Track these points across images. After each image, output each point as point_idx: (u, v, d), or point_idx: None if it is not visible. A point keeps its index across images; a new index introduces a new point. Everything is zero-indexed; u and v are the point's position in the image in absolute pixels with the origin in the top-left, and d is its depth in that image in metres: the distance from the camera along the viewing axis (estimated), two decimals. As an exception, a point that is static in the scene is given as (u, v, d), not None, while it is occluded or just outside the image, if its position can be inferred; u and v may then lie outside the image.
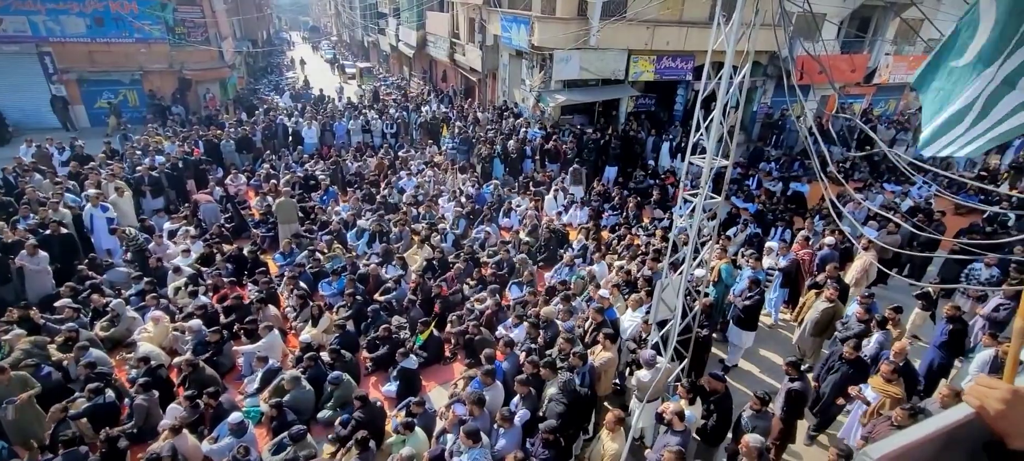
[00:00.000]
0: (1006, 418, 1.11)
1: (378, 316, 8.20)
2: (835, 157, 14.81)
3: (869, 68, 19.88)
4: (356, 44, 50.57)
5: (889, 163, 14.05)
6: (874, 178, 14.42)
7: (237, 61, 26.27)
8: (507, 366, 6.61)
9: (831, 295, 7.38)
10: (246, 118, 18.81)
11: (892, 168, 14.44)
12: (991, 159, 16.44)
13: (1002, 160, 16.17)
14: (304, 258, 9.79)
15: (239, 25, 30.69)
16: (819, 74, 13.33)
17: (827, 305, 7.37)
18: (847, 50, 19.69)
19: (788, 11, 5.82)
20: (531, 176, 14.35)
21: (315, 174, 13.73)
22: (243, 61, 29.28)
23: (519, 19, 16.47)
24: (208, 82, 21.65)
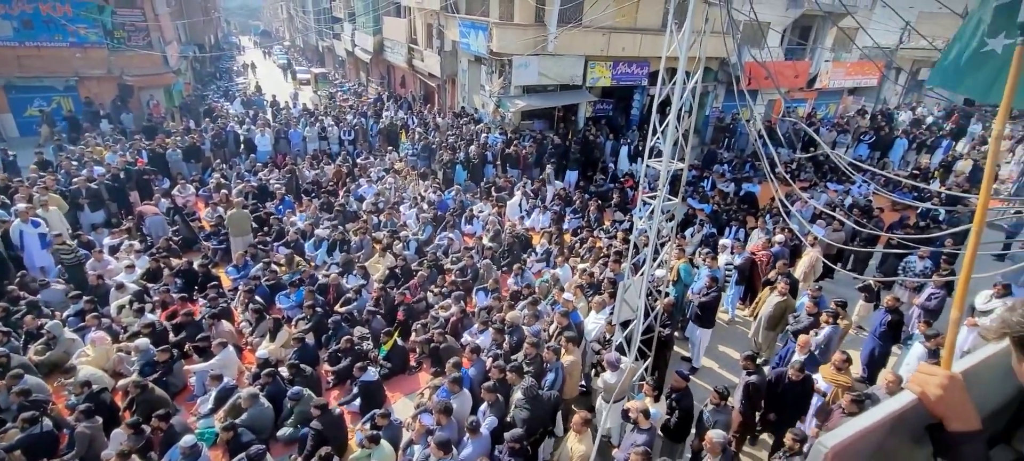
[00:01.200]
0: (944, 403, 1.20)
1: (339, 327, 7.99)
2: (783, 158, 15.52)
3: (811, 74, 20.99)
4: (310, 49, 49.36)
5: (832, 163, 14.84)
6: (818, 178, 15.18)
7: (183, 66, 25.13)
8: (474, 373, 6.56)
9: (783, 289, 7.74)
10: (194, 125, 18.00)
11: (834, 168, 15.25)
12: (922, 159, 17.61)
13: (932, 160, 17.34)
14: (259, 270, 9.44)
15: (185, 29, 29.40)
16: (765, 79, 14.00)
17: (780, 299, 7.72)
18: (790, 57, 20.74)
19: (735, 19, 6.09)
20: (493, 181, 14.36)
21: (269, 183, 13.28)
22: (189, 66, 28.03)
23: (477, 25, 16.50)
24: (152, 88, 20.60)
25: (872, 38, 16.36)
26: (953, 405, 1.20)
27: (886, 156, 17.65)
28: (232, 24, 78.84)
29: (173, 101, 22.21)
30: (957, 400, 1.21)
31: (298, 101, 24.14)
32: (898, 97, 25.98)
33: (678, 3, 5.56)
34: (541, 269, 9.82)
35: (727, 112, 20.15)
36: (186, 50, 27.55)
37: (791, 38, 21.12)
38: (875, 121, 20.89)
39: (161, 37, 21.23)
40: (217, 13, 50.96)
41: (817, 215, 10.78)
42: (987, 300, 7.50)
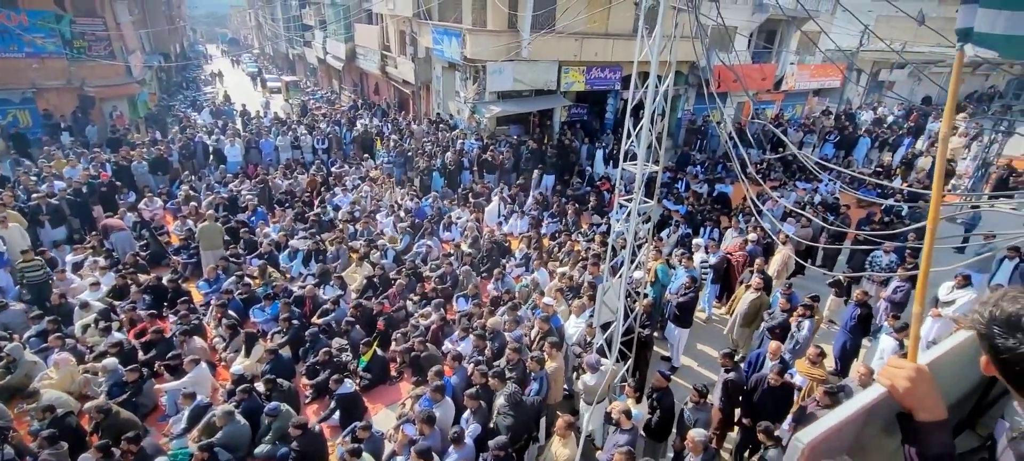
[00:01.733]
0: (912, 395, 1.25)
1: (317, 340, 7.85)
2: (753, 159, 15.92)
3: (777, 76, 21.61)
4: (281, 57, 48.54)
5: (800, 163, 15.28)
6: (787, 177, 15.61)
7: (147, 76, 24.42)
8: (456, 381, 6.52)
9: (758, 285, 7.93)
10: (161, 136, 17.48)
11: (802, 167, 15.71)
12: (885, 157, 18.27)
13: (894, 157, 18.01)
14: (232, 284, 9.21)
15: (149, 38, 28.59)
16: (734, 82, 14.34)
17: (754, 296, 7.90)
18: (757, 60, 21.32)
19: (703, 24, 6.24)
20: (470, 187, 14.34)
21: (241, 194, 12.99)
22: (155, 76, 27.26)
23: (450, 31, 16.49)
24: (114, 99, 19.94)
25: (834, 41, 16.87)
26: (920, 397, 1.25)
27: (850, 155, 18.27)
28: (198, 32, 77.04)
29: (138, 112, 21.55)
30: (924, 392, 1.26)
31: (269, 110, 23.71)
32: (860, 97, 26.94)
33: (648, 9, 5.67)
34: (520, 274, 9.84)
35: (698, 115, 20.57)
36: (151, 59, 26.79)
37: (757, 42, 21.72)
38: (839, 121, 21.61)
39: (124, 46, 20.60)
40: (182, 21, 49.72)
41: (787, 213, 11.08)
42: (949, 291, 7.82)
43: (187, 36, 56.84)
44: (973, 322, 1.15)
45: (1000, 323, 1.08)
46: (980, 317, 1.13)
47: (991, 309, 1.11)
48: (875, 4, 19.75)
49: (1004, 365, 1.09)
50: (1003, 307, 1.09)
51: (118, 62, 19.87)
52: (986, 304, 1.15)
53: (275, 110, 23.54)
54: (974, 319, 1.15)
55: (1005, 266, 8.36)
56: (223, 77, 39.62)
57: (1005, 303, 1.10)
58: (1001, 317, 1.08)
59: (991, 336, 1.09)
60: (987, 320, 1.11)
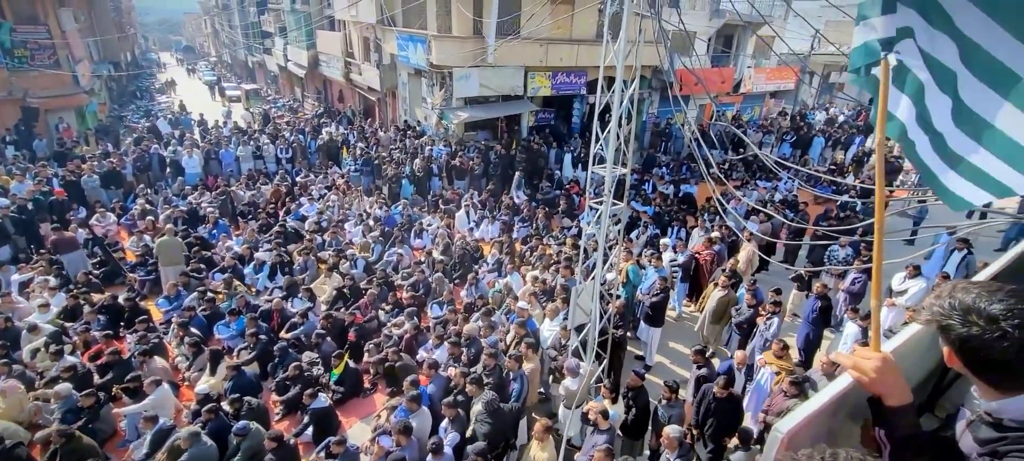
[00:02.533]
0: (880, 382, 1.33)
1: (286, 354, 7.64)
2: (716, 159, 16.41)
3: (735, 79, 22.35)
4: (240, 65, 47.19)
5: (760, 163, 15.83)
6: (749, 176, 16.14)
7: (96, 86, 23.33)
8: (433, 389, 6.45)
9: (724, 283, 8.17)
10: (113, 148, 16.71)
11: (762, 167, 16.28)
12: (838, 155, 19.11)
13: (846, 156, 18.86)
14: (194, 300, 8.87)
15: (97, 46, 27.35)
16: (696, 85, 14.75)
17: (722, 293, 8.14)
18: (716, 64, 22.00)
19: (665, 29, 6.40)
20: (440, 194, 14.26)
21: (201, 206, 12.54)
22: (104, 85, 26.06)
23: (415, 38, 16.40)
24: (61, 110, 18.96)
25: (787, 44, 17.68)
26: (888, 384, 1.32)
27: (806, 154, 19.04)
28: (151, 40, 74.23)
29: (86, 123, 20.56)
30: (891, 379, 1.33)
31: (230, 119, 23.00)
32: (813, 99, 28.14)
33: (612, 15, 5.78)
34: (493, 279, 9.83)
35: (662, 118, 21.06)
36: (99, 68, 25.60)
37: (716, 46, 22.43)
38: (795, 122, 22.50)
39: (70, 55, 19.62)
40: (133, 29, 47.83)
41: (750, 211, 11.45)
42: (901, 281, 8.23)
43: (139, 44, 54.70)
44: (933, 315, 1.20)
45: (960, 313, 1.14)
46: (941, 310, 1.18)
47: (949, 301, 1.17)
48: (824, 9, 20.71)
49: (967, 353, 1.14)
50: (959, 298, 1.15)
51: (64, 71, 18.92)
52: (941, 297, 1.20)
53: (235, 119, 22.86)
54: (935, 312, 1.20)
55: (954, 257, 8.85)
56: (176, 86, 38.22)
57: (960, 294, 1.16)
58: (960, 307, 1.14)
59: (952, 327, 1.15)
60: (947, 311, 1.16)
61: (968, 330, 1.12)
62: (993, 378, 1.16)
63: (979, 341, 1.10)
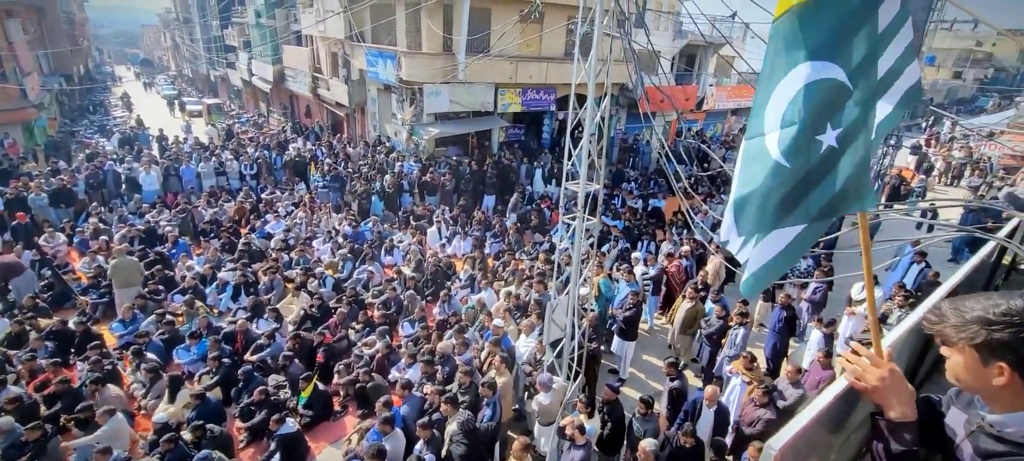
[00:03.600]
0: (883, 392, 1.32)
1: (251, 378, 7.34)
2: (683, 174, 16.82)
3: (699, 97, 23.10)
4: (201, 79, 45.91)
5: (724, 177, 16.31)
6: (714, 190, 16.59)
7: (46, 100, 22.25)
8: (406, 410, 6.31)
9: (692, 295, 8.35)
10: (65, 165, 15.91)
11: (727, 180, 16.77)
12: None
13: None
14: (152, 324, 8.46)
15: (48, 58, 26.17)
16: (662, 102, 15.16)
17: (690, 305, 8.30)
18: (680, 83, 22.70)
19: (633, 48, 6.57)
20: (411, 210, 14.12)
21: (159, 225, 12.04)
22: (54, 100, 24.89)
23: (385, 54, 16.33)
24: (7, 125, 17.98)
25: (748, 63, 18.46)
26: (893, 395, 1.31)
27: (767, 168, 19.73)
28: (106, 53, 71.56)
29: (35, 139, 19.54)
30: (896, 390, 1.32)
31: (190, 134, 22.27)
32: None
33: (583, 35, 5.90)
34: (466, 295, 9.75)
35: (630, 134, 21.52)
36: (49, 82, 24.46)
37: (679, 65, 23.16)
38: (755, 138, 23.33)
39: (17, 67, 18.69)
40: (87, 41, 46.03)
41: (717, 224, 11.75)
42: (860, 291, 8.58)
43: (93, 57, 52.65)
44: (977, 332, 1.14)
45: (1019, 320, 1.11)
46: (993, 322, 1.12)
47: (994, 312, 1.12)
48: (780, 31, 21.73)
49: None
50: (1007, 306, 1.12)
51: (11, 85, 17.98)
52: (968, 314, 1.16)
53: (196, 135, 22.15)
54: (986, 327, 1.14)
55: (912, 270, 9.25)
56: (130, 99, 36.83)
57: (997, 304, 1.14)
58: (1013, 313, 1.11)
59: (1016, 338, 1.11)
60: (1002, 321, 1.11)
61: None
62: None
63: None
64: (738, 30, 22.31)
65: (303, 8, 22.58)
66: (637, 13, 6.93)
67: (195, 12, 38.93)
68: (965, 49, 46.39)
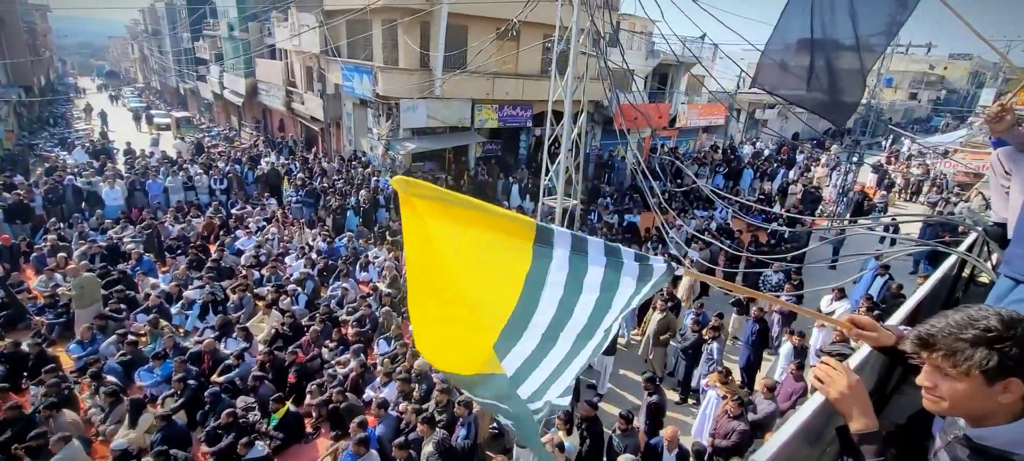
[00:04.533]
0: (845, 401, 1.35)
1: (218, 400, 7.06)
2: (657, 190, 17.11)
3: (671, 115, 23.65)
4: (170, 91, 44.85)
5: (696, 192, 16.65)
6: (687, 206, 16.92)
7: (3, 112, 21.38)
8: (382, 430, 6.16)
9: (661, 306, 8.46)
10: (22, 179, 15.22)
11: (699, 196, 17.12)
12: (765, 185, 20.46)
13: (773, 186, 20.22)
14: (112, 345, 8.09)
15: (6, 70, 25.17)
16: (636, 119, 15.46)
17: (660, 315, 8.38)
18: (653, 101, 23.21)
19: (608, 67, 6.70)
20: (387, 225, 13.95)
21: (122, 242, 11.60)
22: (12, 111, 23.93)
23: (361, 69, 16.25)
24: (-42, 138, 17.17)
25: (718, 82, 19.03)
26: (854, 406, 1.34)
27: (738, 184, 20.26)
28: (69, 63, 69.35)
29: (-11, 152, 18.70)
30: (858, 402, 1.34)
31: (159, 148, 21.65)
32: (740, 133, 30.17)
33: (560, 54, 5.99)
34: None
35: (605, 150, 21.83)
36: (7, 92, 23.53)
37: (652, 84, 23.70)
38: (726, 155, 23.97)
39: (-28, 78, 17.92)
40: (49, 52, 44.54)
41: (690, 239, 11.96)
42: (829, 303, 8.81)
43: (55, 68, 50.95)
44: (980, 358, 1.12)
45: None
46: (998, 341, 1.10)
47: (1005, 325, 1.10)
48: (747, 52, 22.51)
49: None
50: (1003, 317, 1.12)
51: (-36, 95, 17.22)
52: (978, 331, 1.13)
53: (163, 148, 21.55)
54: (984, 353, 1.11)
55: (877, 281, 9.56)
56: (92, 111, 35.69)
57: (987, 318, 1.13)
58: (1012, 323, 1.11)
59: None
60: (1002, 332, 1.11)
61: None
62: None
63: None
64: (708, 50, 23.01)
65: (278, 22, 22.37)
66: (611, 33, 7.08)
67: (165, 24, 38.15)
68: (919, 71, 48.82)
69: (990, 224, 2.82)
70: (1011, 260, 1.92)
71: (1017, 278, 1.85)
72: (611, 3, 7.38)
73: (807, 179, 21.61)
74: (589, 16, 5.60)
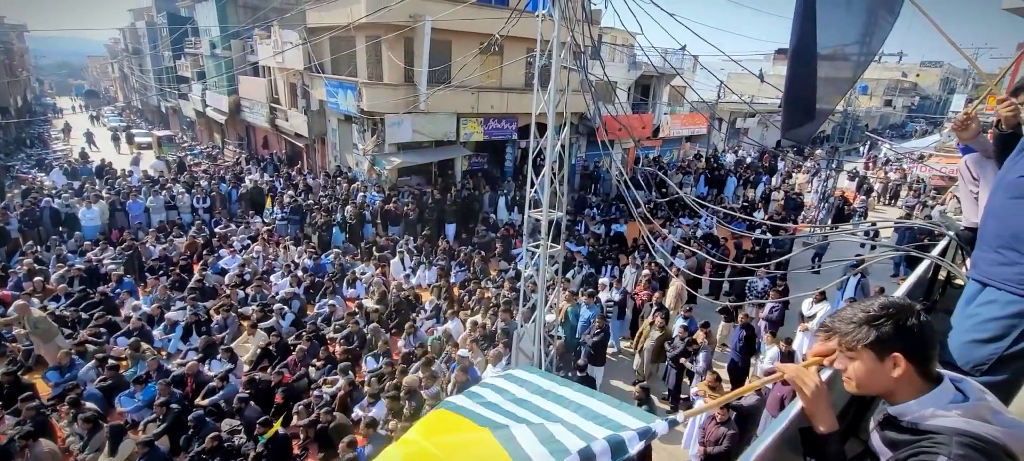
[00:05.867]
0: (815, 402, 1.43)
1: (203, 424, 6.91)
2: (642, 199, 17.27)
3: (654, 125, 23.96)
4: (151, 110, 44.34)
5: (681, 201, 16.84)
6: (672, 215, 17.09)
7: (-23, 133, 20.93)
8: (371, 450, 6.08)
9: (660, 323, 8.43)
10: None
11: (683, 205, 17.32)
12: (748, 193, 20.77)
13: (756, 193, 20.54)
14: (92, 370, 7.90)
15: (-20, 90, 24.72)
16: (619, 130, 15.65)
17: (659, 333, 8.37)
18: (636, 111, 23.51)
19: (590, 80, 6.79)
20: (373, 241, 13.88)
21: (102, 263, 11.38)
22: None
23: (345, 85, 16.25)
24: (-70, 161, 16.75)
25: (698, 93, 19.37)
26: (819, 410, 1.43)
27: (722, 192, 20.54)
28: (47, 84, 68.31)
29: (-38, 175, 18.26)
30: (823, 406, 1.44)
31: (139, 167, 21.33)
32: (723, 142, 30.66)
33: (542, 67, 6.06)
34: (432, 326, 9.60)
35: (590, 160, 22.02)
36: (-18, 114, 23.07)
37: (634, 95, 24.03)
38: (709, 163, 24.31)
39: (-55, 99, 17.55)
40: (27, 71, 43.86)
41: (676, 248, 12.07)
42: (810, 306, 8.95)
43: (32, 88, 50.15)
44: (862, 336, 1.32)
45: (891, 310, 1.32)
46: (875, 317, 1.31)
47: (872, 310, 1.32)
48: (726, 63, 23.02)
49: (914, 341, 1.30)
50: (879, 303, 1.34)
51: (-64, 117, 16.85)
52: (852, 315, 1.36)
53: (144, 168, 21.24)
54: (864, 331, 1.32)
55: (851, 282, 9.76)
56: (71, 130, 35.09)
57: (866, 304, 1.35)
58: (887, 306, 1.33)
59: (893, 323, 1.30)
60: (879, 314, 1.31)
61: (906, 319, 1.28)
62: (926, 365, 1.30)
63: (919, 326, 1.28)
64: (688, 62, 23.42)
65: (260, 39, 22.30)
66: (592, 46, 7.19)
67: (146, 42, 37.83)
68: (893, 79, 50.19)
69: (961, 228, 2.91)
70: (977, 263, 1.98)
71: (984, 280, 1.91)
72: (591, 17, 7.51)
73: (789, 185, 21.99)
74: (570, 31, 5.69)
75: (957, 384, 1.30)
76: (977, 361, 1.79)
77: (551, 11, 5.66)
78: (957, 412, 1.22)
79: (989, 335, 1.80)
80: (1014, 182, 1.84)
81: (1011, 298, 1.77)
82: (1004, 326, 1.77)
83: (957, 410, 1.23)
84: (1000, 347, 1.77)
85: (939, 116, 46.94)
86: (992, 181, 2.21)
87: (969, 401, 1.25)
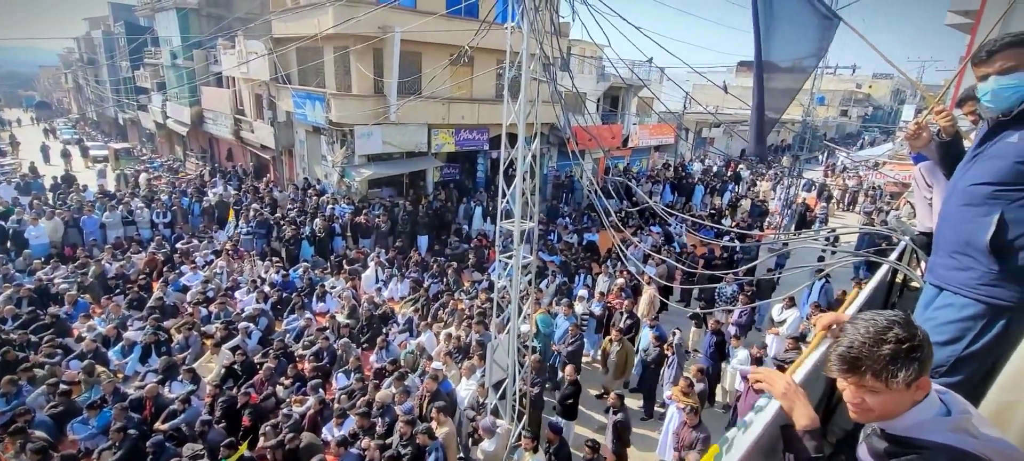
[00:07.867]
0: (788, 398, 1.48)
1: (162, 449, 6.59)
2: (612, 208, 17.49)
3: (624, 135, 24.40)
4: (108, 122, 42.62)
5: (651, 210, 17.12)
6: (643, 223, 17.35)
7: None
8: (341, 470, 5.91)
9: (616, 336, 8.41)
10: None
11: (653, 213, 17.62)
12: (715, 201, 21.29)
13: (723, 201, 21.07)
14: (41, 396, 7.45)
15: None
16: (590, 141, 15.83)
17: (619, 346, 8.31)
18: (606, 122, 23.90)
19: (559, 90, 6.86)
20: (343, 254, 13.61)
21: (53, 283, 10.80)
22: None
23: (313, 96, 16.00)
24: None
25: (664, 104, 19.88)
26: (800, 403, 1.47)
27: (690, 201, 21.00)
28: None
29: None
30: (800, 402, 1.48)
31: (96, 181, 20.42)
32: (690, 151, 31.43)
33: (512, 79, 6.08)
34: (405, 340, 9.44)
35: (562, 171, 22.22)
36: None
37: (603, 106, 24.44)
38: (677, 172, 24.86)
39: None
40: (-31, 82, 41.55)
41: (647, 256, 12.24)
42: (780, 311, 9.19)
43: (-24, 99, 47.57)
44: (908, 375, 1.23)
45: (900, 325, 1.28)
46: (913, 351, 1.23)
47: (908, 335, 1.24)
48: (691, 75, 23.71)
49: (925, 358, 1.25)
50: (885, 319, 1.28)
51: None
52: (866, 335, 1.25)
53: (99, 182, 20.34)
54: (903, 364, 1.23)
55: (816, 286, 10.08)
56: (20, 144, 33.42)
57: (873, 322, 1.29)
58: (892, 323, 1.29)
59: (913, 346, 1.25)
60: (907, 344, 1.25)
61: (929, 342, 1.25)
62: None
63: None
64: (655, 73, 23.99)
65: (224, 49, 21.77)
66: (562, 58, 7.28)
67: (102, 52, 36.41)
68: (848, 90, 52.53)
69: (916, 234, 3.03)
70: (934, 268, 2.06)
71: (940, 285, 1.99)
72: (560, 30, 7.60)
73: (754, 193, 22.64)
74: (539, 43, 5.74)
75: (941, 396, 1.30)
76: (936, 363, 1.85)
77: (520, 23, 5.70)
78: (944, 427, 1.23)
79: (947, 337, 1.87)
80: (966, 190, 1.92)
81: (966, 301, 1.85)
82: (960, 328, 1.85)
83: (944, 425, 1.23)
84: (957, 349, 1.84)
85: (891, 125, 49.30)
86: (945, 188, 2.31)
87: (953, 416, 1.25)
